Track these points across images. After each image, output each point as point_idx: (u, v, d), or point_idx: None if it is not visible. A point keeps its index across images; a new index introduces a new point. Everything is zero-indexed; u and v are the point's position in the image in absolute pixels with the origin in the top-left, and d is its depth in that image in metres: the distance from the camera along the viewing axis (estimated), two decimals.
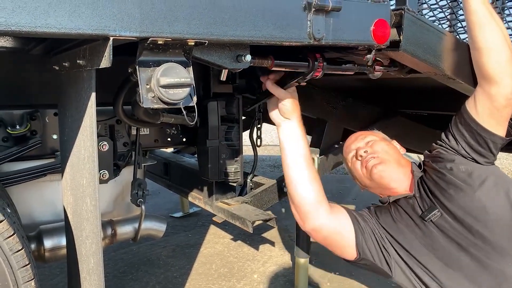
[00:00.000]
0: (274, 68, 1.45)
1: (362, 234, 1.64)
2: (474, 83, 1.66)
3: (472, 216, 1.52)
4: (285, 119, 1.64)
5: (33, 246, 1.89)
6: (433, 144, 1.77)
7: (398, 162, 1.74)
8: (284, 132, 1.66)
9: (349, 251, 1.65)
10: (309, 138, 3.02)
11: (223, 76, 1.45)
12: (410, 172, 1.74)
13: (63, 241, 1.85)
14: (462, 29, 2.18)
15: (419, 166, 1.78)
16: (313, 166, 1.70)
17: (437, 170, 1.64)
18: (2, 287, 1.20)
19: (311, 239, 3.09)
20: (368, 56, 1.49)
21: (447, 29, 2.38)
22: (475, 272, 1.50)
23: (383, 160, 1.71)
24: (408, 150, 3.27)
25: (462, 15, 1.94)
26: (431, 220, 1.58)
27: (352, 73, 1.62)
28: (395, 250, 1.63)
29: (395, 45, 1.50)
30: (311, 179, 1.64)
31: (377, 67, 1.65)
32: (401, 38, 1.49)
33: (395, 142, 1.88)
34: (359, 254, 1.64)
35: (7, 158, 1.82)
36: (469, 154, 1.62)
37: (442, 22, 2.36)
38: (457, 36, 2.06)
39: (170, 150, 3.69)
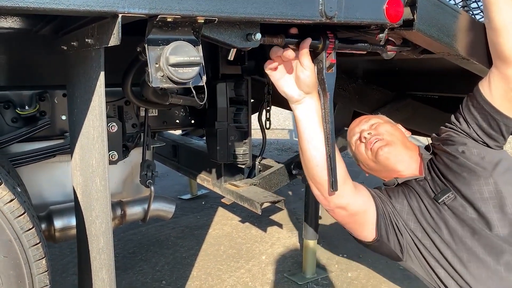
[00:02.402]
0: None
1: (382, 215, 1.62)
2: (489, 63, 1.63)
3: (486, 199, 1.49)
4: (306, 94, 1.46)
5: (43, 226, 1.90)
6: (442, 127, 1.73)
7: (404, 144, 1.71)
8: (306, 108, 1.48)
9: (369, 232, 1.62)
10: None
11: (231, 55, 1.42)
12: (418, 155, 1.71)
13: (72, 221, 1.86)
14: (478, 8, 2.13)
15: (427, 149, 1.74)
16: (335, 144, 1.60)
17: (448, 153, 1.61)
18: (14, 265, 1.21)
19: (319, 221, 3.10)
20: (381, 35, 1.46)
21: (462, 8, 2.32)
22: (487, 256, 1.48)
23: (389, 142, 1.68)
24: (418, 133, 3.26)
25: None
26: (444, 203, 1.55)
27: (364, 52, 1.59)
28: (408, 233, 1.62)
29: (408, 24, 1.46)
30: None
31: (389, 47, 1.62)
32: (414, 17, 1.45)
33: (399, 126, 1.84)
34: (377, 235, 1.61)
35: (16, 138, 1.83)
36: (480, 137, 1.59)
37: (457, 1, 2.31)
38: (472, 15, 2.01)
39: (178, 132, 3.70)
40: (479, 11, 2.14)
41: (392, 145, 1.68)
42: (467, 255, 1.50)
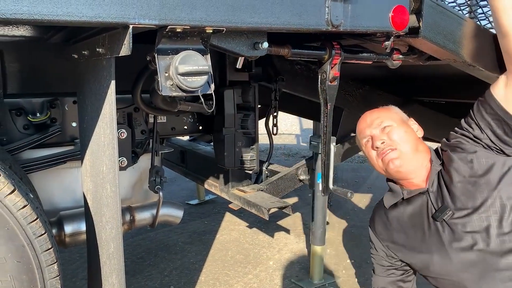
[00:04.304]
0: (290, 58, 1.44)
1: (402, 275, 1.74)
2: (496, 69, 1.64)
3: (490, 215, 1.47)
4: None
5: (54, 231, 1.93)
6: (452, 132, 1.68)
7: (416, 151, 1.64)
8: None
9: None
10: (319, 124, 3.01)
11: (239, 63, 1.45)
12: (428, 162, 1.66)
13: (82, 226, 1.89)
14: (483, 14, 2.13)
15: (437, 153, 1.70)
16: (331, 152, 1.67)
17: (456, 163, 1.56)
18: (27, 270, 1.23)
19: (327, 227, 3.10)
20: (387, 43, 1.48)
21: (467, 15, 2.33)
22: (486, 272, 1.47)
23: (401, 153, 1.62)
24: (425, 139, 3.25)
25: (483, 0, 1.90)
26: (443, 220, 1.53)
27: (370, 62, 1.61)
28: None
29: (414, 31, 1.48)
30: None
31: (395, 56, 1.63)
32: (420, 24, 1.47)
33: (412, 122, 1.75)
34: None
35: (28, 145, 1.86)
36: (494, 144, 1.54)
37: (462, 8, 2.32)
38: (478, 22, 2.02)
39: (186, 138, 3.72)
40: (485, 17, 2.15)
41: (404, 157, 1.61)
42: (464, 269, 1.51)
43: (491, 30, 1.75)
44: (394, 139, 1.63)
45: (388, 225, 1.73)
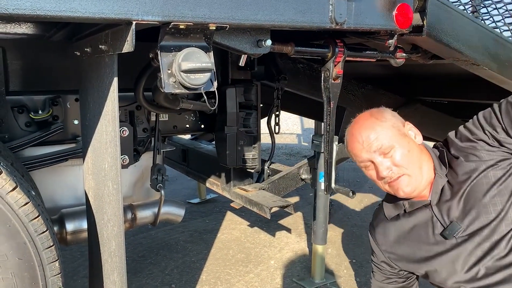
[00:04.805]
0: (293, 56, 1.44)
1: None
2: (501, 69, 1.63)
3: (503, 229, 1.38)
4: None
5: (55, 229, 1.93)
6: (465, 132, 1.47)
7: (422, 166, 1.48)
8: None
9: None
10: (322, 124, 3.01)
11: (242, 61, 1.45)
12: (433, 172, 1.49)
13: (84, 224, 1.89)
14: (487, 14, 2.13)
15: (442, 160, 1.51)
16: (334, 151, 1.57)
17: (469, 174, 1.42)
18: (28, 267, 1.23)
19: (328, 226, 3.09)
20: (390, 41, 1.47)
21: (471, 14, 2.32)
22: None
23: (410, 178, 1.45)
24: (426, 139, 3.25)
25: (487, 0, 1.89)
26: (454, 236, 1.43)
27: (373, 60, 1.60)
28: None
29: (418, 30, 1.47)
30: None
31: (398, 54, 1.63)
32: (424, 23, 1.46)
33: (408, 127, 1.53)
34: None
35: (30, 142, 1.86)
36: None
37: (466, 7, 2.31)
38: (482, 21, 2.01)
39: (187, 137, 3.72)
40: (489, 16, 2.14)
41: (413, 179, 1.46)
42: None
43: (495, 29, 1.74)
44: (400, 164, 1.45)
45: (390, 236, 1.64)
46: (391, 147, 1.44)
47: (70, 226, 1.96)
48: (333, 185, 1.57)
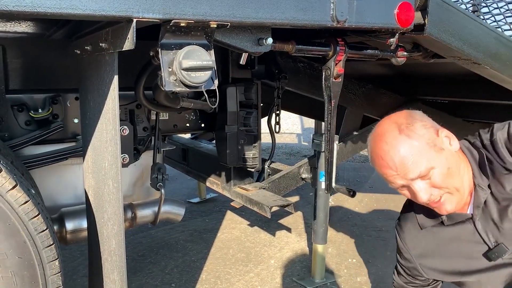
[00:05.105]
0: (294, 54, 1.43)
1: None
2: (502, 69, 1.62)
3: None
4: None
5: (55, 228, 1.92)
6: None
7: (463, 181, 1.33)
8: None
9: None
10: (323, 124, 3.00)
11: (243, 60, 1.44)
12: (471, 179, 1.35)
13: (84, 223, 1.88)
14: (489, 13, 2.12)
15: (482, 167, 1.35)
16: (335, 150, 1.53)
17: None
18: (28, 266, 1.22)
19: (328, 226, 3.09)
20: (391, 40, 1.47)
21: (472, 13, 2.32)
22: None
23: (452, 196, 1.32)
24: None
25: None
26: (501, 259, 1.34)
27: (374, 59, 1.60)
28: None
29: (419, 28, 1.47)
30: None
31: (399, 53, 1.62)
32: (425, 21, 1.46)
33: (443, 134, 1.32)
34: None
35: (30, 141, 1.85)
36: None
37: (468, 6, 2.31)
38: (483, 19, 2.00)
39: (187, 136, 3.71)
40: (490, 15, 2.14)
41: (455, 196, 1.33)
42: None
43: (497, 28, 1.74)
44: (440, 185, 1.30)
45: (424, 244, 1.54)
46: (429, 169, 1.27)
47: (70, 225, 1.96)
48: (333, 184, 1.56)
